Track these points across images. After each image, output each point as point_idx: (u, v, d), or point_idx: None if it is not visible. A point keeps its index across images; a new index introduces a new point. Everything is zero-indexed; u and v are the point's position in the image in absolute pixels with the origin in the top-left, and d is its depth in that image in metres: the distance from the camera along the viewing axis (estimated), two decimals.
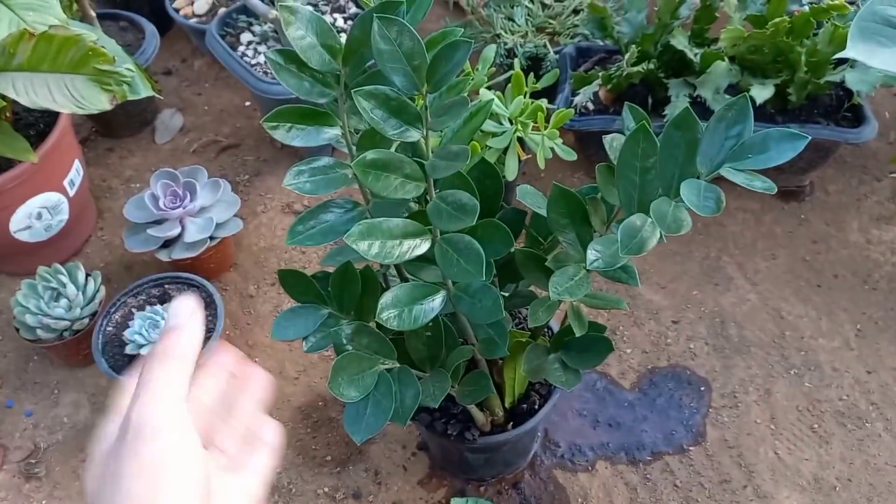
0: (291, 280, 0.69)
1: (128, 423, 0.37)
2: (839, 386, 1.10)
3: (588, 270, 0.66)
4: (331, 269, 0.70)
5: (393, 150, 0.67)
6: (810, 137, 0.55)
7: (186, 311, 0.42)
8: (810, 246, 1.27)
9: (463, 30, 0.66)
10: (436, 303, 0.64)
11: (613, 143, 0.67)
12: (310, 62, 0.61)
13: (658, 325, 1.18)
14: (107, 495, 0.36)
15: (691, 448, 1.05)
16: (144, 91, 1.05)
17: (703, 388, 1.10)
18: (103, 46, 0.96)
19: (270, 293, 1.25)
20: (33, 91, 0.94)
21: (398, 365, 0.68)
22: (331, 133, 0.66)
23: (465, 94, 0.59)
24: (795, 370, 1.12)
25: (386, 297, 0.62)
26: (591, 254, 0.61)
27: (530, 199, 0.73)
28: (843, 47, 0.92)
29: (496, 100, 1.04)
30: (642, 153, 0.61)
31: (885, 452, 1.03)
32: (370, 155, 0.58)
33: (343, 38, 0.62)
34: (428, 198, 0.63)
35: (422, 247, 0.61)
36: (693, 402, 1.09)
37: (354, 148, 0.67)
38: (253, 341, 1.19)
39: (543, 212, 0.69)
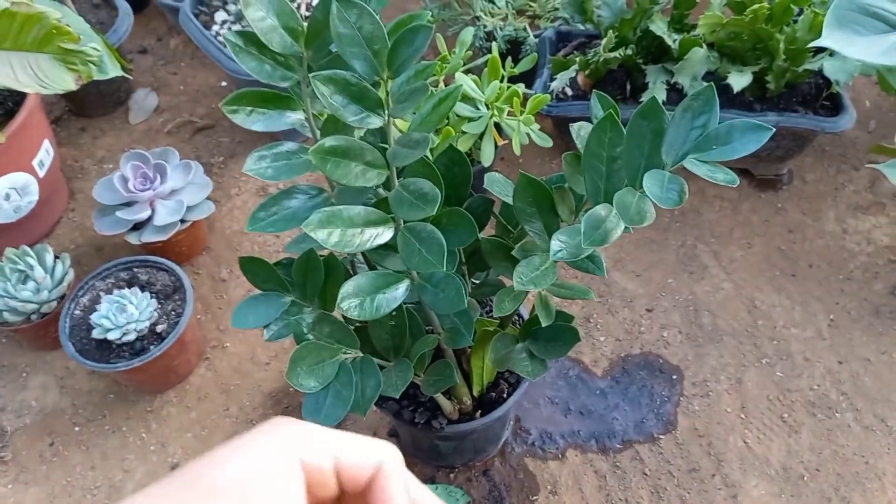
0: (253, 268, 0.68)
1: None
2: (810, 376, 1.10)
3: (555, 260, 0.65)
4: (297, 256, 0.69)
5: (360, 135, 0.66)
6: (774, 129, 0.54)
7: None
8: (786, 235, 1.27)
9: (430, 14, 0.65)
10: (399, 292, 0.63)
11: (580, 132, 0.66)
12: (271, 44, 0.59)
13: (632, 314, 1.18)
14: None
15: (661, 436, 1.05)
16: (113, 71, 1.03)
17: (675, 377, 1.10)
18: (68, 24, 0.93)
19: (243, 277, 1.23)
20: None
21: (360, 354, 0.67)
22: (294, 117, 0.65)
23: (428, 81, 0.58)
24: (767, 359, 1.12)
25: (347, 286, 0.61)
26: (555, 244, 0.61)
27: (498, 187, 0.72)
28: (821, 35, 0.92)
29: (472, 84, 1.03)
30: (609, 142, 0.60)
31: (854, 442, 1.03)
32: (329, 142, 0.57)
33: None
34: (391, 186, 0.62)
35: (384, 235, 0.60)
36: (665, 390, 1.09)
37: (319, 133, 0.66)
38: (224, 326, 1.18)
39: (511, 200, 0.68)
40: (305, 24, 0.61)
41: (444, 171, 0.68)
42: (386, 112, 0.58)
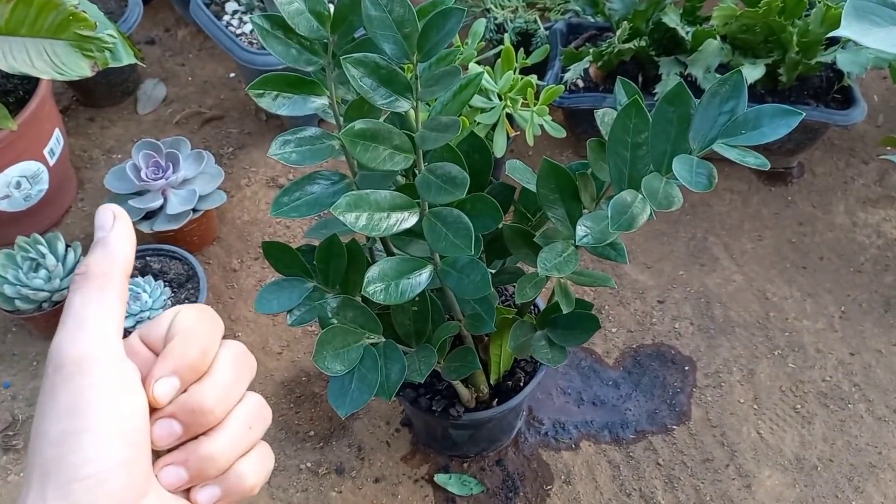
0: (276, 252, 0.68)
1: (49, 360, 0.32)
2: (822, 367, 1.10)
3: (577, 247, 0.65)
4: (316, 243, 0.69)
5: (382, 121, 0.66)
6: (804, 114, 0.54)
7: (109, 219, 0.35)
8: (796, 228, 1.27)
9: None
10: (423, 277, 0.64)
11: (605, 119, 0.66)
12: (297, 28, 0.59)
13: (643, 305, 1.18)
14: (31, 447, 0.31)
15: (675, 427, 1.05)
16: (127, 58, 1.03)
17: (687, 368, 1.11)
18: (84, 11, 0.93)
19: (254, 267, 1.24)
20: (12, 56, 0.92)
21: (384, 339, 0.67)
22: (318, 102, 0.65)
23: (456, 64, 0.58)
24: (779, 351, 1.12)
25: (372, 271, 0.61)
26: (581, 230, 0.61)
27: (519, 174, 0.72)
28: (834, 28, 0.92)
29: (486, 74, 1.03)
30: (634, 129, 0.60)
31: (867, 433, 1.03)
32: (359, 124, 0.57)
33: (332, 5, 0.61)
34: (417, 170, 0.62)
35: (410, 220, 0.60)
36: (677, 381, 1.09)
37: (342, 118, 0.66)
38: (236, 315, 1.18)
39: (532, 187, 0.68)
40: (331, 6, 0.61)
41: (465, 158, 0.68)
42: (414, 95, 0.57)
